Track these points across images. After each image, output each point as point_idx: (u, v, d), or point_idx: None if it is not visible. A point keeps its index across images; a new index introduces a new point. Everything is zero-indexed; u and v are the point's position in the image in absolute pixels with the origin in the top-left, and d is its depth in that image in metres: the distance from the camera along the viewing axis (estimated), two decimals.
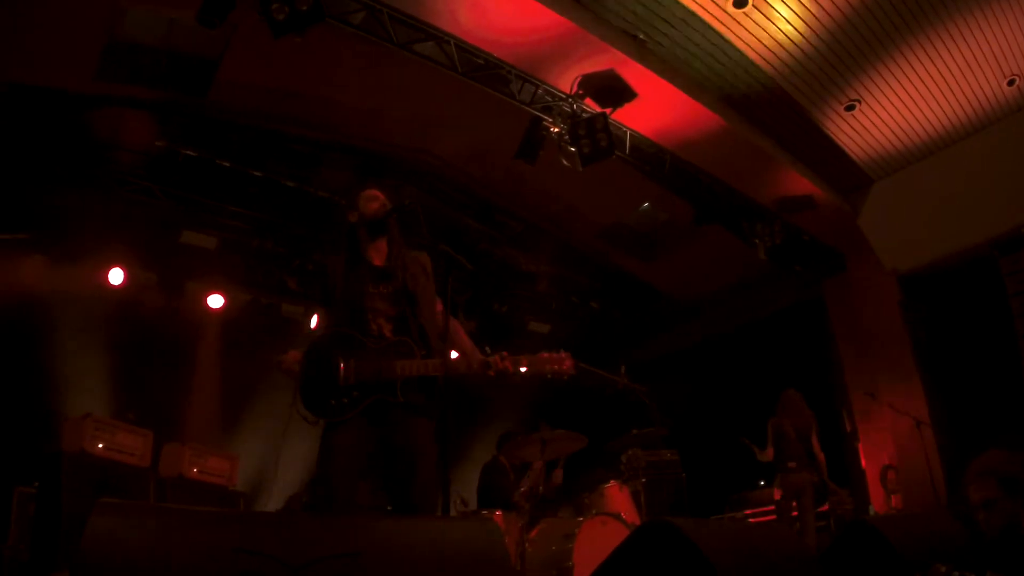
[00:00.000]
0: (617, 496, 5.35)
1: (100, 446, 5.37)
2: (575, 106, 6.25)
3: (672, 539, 2.23)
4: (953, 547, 2.85)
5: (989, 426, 6.99)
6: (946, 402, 7.73)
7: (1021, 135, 7.10)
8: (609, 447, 6.77)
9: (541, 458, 5.15)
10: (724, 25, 5.86)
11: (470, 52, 5.82)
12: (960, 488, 2.97)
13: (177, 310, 7.95)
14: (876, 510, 7.75)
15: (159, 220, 7.55)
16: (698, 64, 6.33)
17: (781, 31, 5.94)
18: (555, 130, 6.31)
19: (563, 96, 6.26)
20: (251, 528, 1.89)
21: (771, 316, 9.73)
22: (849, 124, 7.16)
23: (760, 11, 5.73)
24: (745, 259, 8.40)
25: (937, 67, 6.55)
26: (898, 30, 6.07)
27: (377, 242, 3.27)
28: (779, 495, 6.77)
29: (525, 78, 6.13)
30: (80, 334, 6.98)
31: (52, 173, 6.78)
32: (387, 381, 2.96)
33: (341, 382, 2.96)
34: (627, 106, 6.42)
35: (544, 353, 3.14)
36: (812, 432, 6.76)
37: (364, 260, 3.24)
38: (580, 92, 6.24)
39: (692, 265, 9.45)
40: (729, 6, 5.65)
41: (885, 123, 7.22)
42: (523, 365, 3.09)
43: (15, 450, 5.62)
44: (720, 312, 10.18)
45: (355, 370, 2.97)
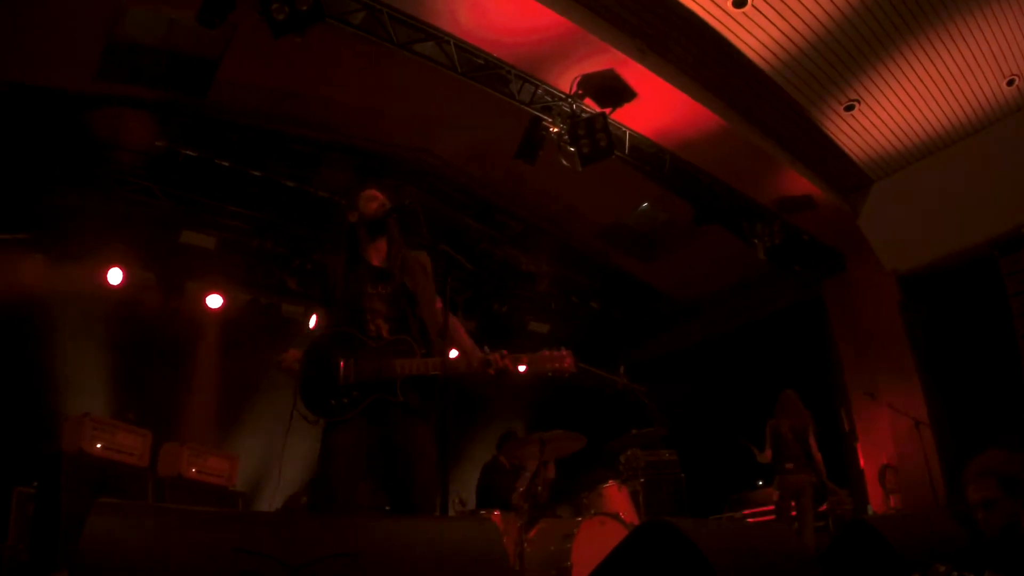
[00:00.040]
0: (616, 496, 5.36)
1: (99, 446, 5.37)
2: (575, 106, 6.25)
3: (671, 539, 2.24)
4: (952, 547, 2.85)
5: (989, 426, 6.99)
6: (945, 402, 7.72)
7: (1021, 135, 7.08)
8: (608, 447, 6.77)
9: (540, 459, 5.15)
10: (724, 25, 5.85)
11: (470, 52, 5.82)
12: (959, 488, 2.96)
13: (177, 310, 7.93)
14: (875, 510, 7.74)
15: (159, 220, 7.55)
16: (698, 64, 6.33)
17: (781, 31, 5.94)
18: (555, 130, 6.31)
19: (563, 96, 6.26)
20: (251, 528, 1.89)
21: (771, 316, 9.71)
22: (849, 124, 7.15)
23: (760, 11, 5.72)
24: (745, 259, 8.40)
25: (937, 67, 6.54)
26: (898, 30, 6.06)
27: (377, 242, 3.26)
28: (778, 496, 6.78)
29: (525, 78, 6.13)
30: (80, 334, 6.98)
31: (52, 173, 6.77)
32: (387, 380, 2.96)
33: (341, 382, 2.96)
34: (627, 106, 6.42)
35: (544, 351, 3.13)
36: (809, 432, 6.77)
37: (363, 260, 3.23)
38: (580, 92, 6.23)
39: (692, 265, 9.44)
40: (729, 6, 5.64)
41: (885, 123, 7.21)
42: (523, 363, 3.08)
43: (14, 450, 5.62)
44: (720, 312, 10.17)
45: (355, 370, 2.97)
